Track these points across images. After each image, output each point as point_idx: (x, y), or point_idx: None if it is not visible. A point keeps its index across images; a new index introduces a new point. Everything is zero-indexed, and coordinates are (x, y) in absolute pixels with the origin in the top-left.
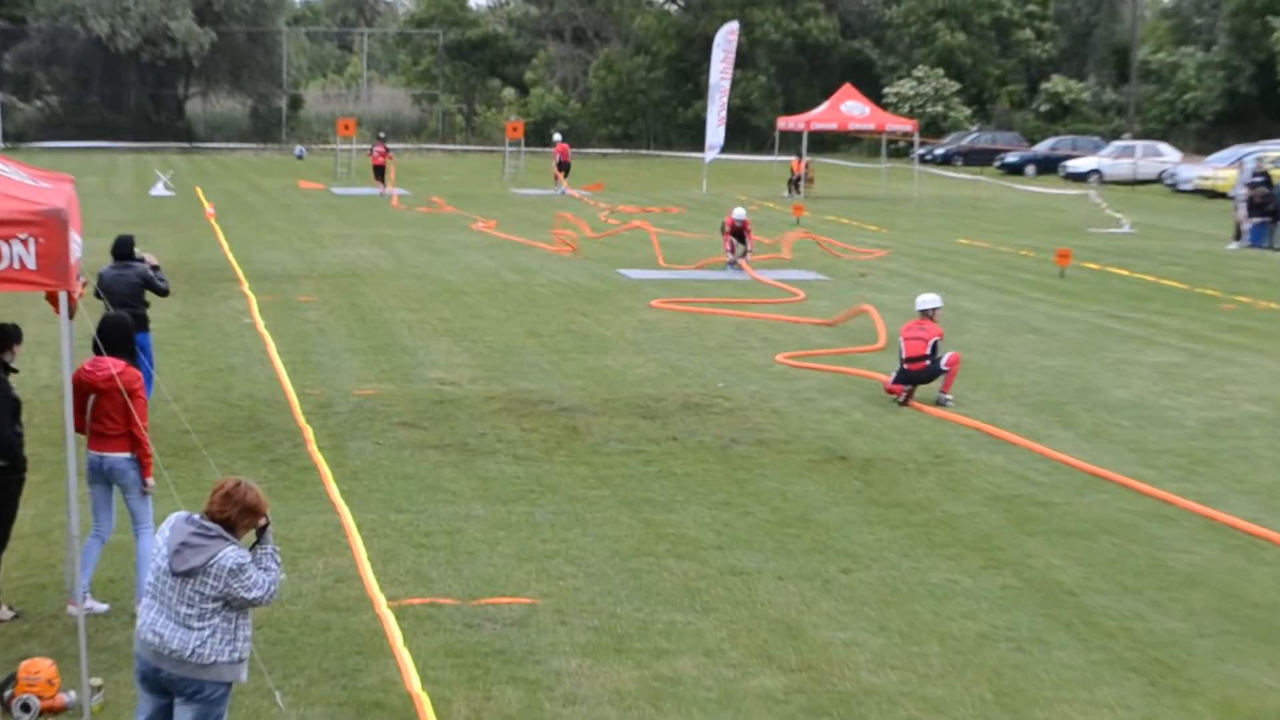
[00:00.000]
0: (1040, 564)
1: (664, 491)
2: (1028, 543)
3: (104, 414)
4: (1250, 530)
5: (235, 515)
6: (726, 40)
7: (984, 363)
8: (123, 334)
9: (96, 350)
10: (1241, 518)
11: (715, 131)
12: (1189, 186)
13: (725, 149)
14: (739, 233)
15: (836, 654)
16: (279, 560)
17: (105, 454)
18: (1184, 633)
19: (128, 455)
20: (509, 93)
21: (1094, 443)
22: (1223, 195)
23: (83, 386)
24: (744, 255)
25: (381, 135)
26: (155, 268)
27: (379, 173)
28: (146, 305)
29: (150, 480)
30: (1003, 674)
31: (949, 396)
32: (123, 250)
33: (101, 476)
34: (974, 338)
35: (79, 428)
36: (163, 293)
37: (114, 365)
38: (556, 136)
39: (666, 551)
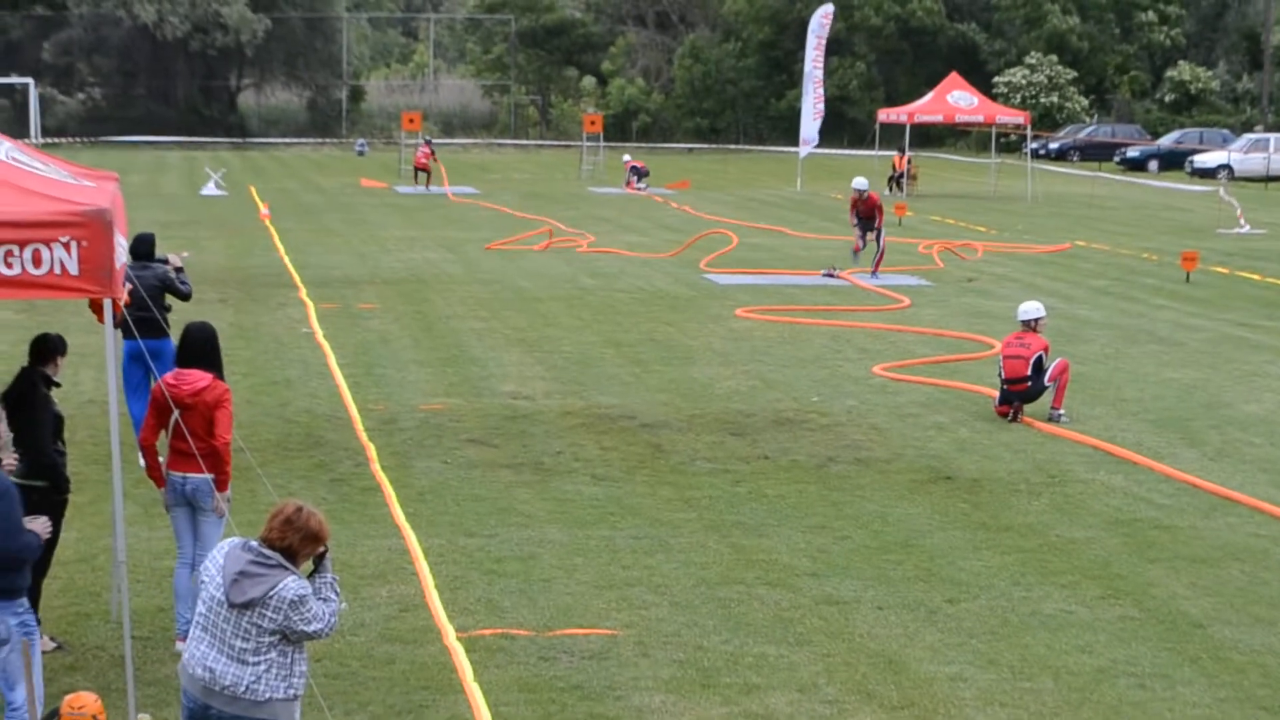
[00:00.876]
0: (1163, 593)
1: (754, 514)
2: (1150, 570)
3: (189, 432)
4: None
5: (296, 543)
6: (820, 25)
7: (1103, 375)
8: (207, 343)
9: (180, 362)
10: None
11: (810, 125)
12: None
13: (821, 143)
14: (868, 213)
15: (941, 690)
16: (339, 590)
17: (189, 475)
18: None
19: (212, 476)
20: (587, 83)
21: (1222, 462)
22: None
23: (166, 402)
24: (876, 239)
25: (428, 138)
26: (179, 269)
27: (422, 174)
28: (168, 309)
29: (227, 493)
30: (1122, 712)
31: (1062, 412)
32: (141, 250)
33: (184, 499)
34: (1092, 348)
35: (148, 443)
36: (184, 296)
37: (201, 379)
38: (626, 157)
39: (757, 579)
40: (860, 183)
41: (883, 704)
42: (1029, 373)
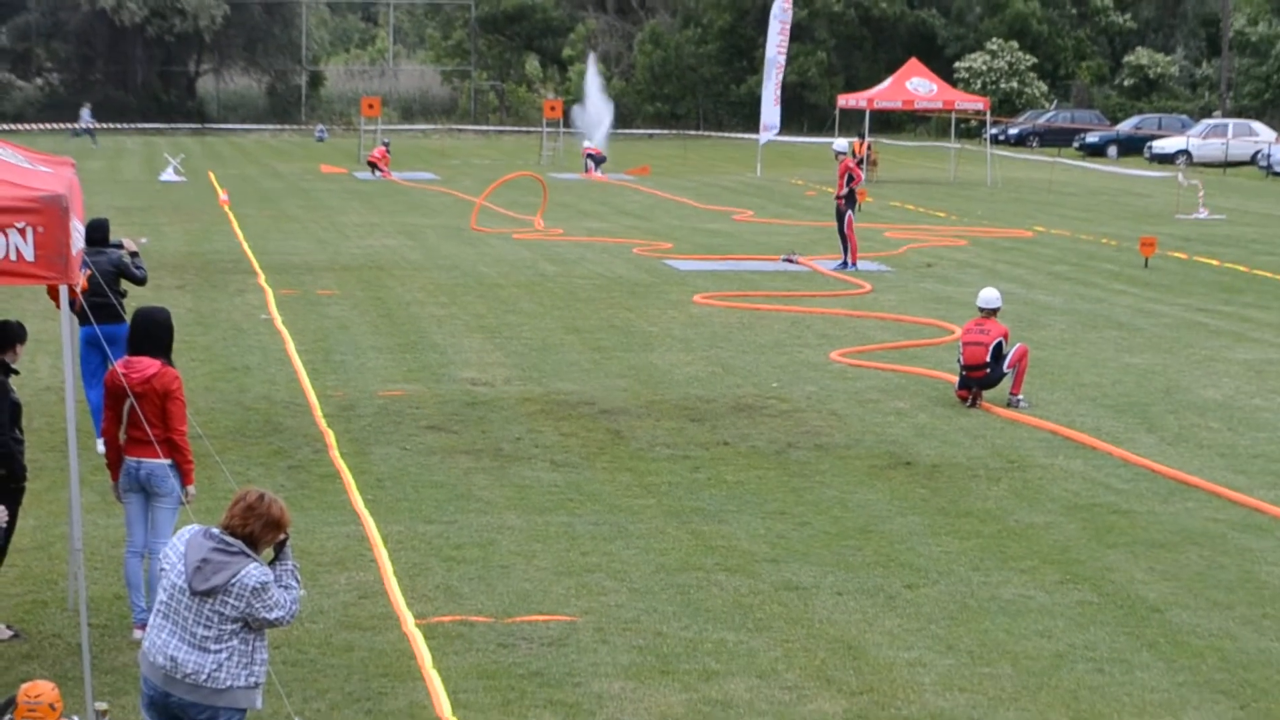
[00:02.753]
0: (1121, 578)
1: (714, 500)
2: (1108, 555)
3: (144, 418)
4: None
5: (258, 530)
6: (781, 11)
7: (1062, 361)
8: (156, 329)
9: (130, 348)
10: None
11: (771, 111)
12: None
13: (781, 129)
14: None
15: (900, 675)
16: (299, 577)
17: (143, 460)
18: (1278, 652)
19: (167, 461)
20: (532, 68)
21: (1180, 447)
22: None
23: (118, 390)
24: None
25: (386, 141)
26: (134, 254)
27: (373, 166)
28: (123, 294)
29: (191, 488)
30: (1080, 697)
31: (1021, 397)
32: (96, 235)
33: (138, 484)
34: (1051, 333)
35: (110, 435)
36: (140, 281)
37: (149, 366)
38: (585, 144)
39: (716, 565)
40: (840, 144)
41: (842, 689)
42: (988, 359)
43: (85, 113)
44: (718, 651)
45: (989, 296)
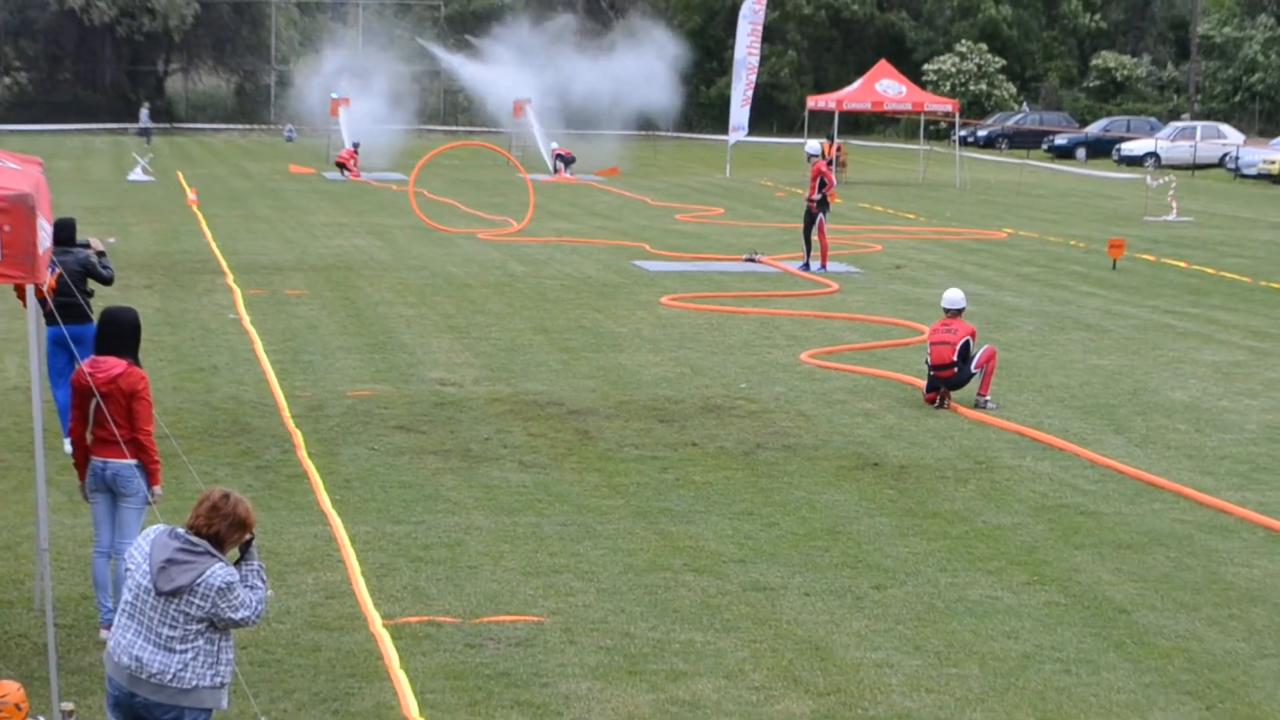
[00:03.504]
0: (1089, 579)
1: (682, 501)
2: (1075, 556)
3: (107, 418)
4: None
5: (224, 530)
6: (753, 12)
7: (1030, 362)
8: (122, 328)
9: (96, 348)
10: None
11: (740, 112)
12: (1253, 171)
13: (750, 130)
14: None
15: (867, 676)
16: (265, 577)
17: (109, 460)
18: (1244, 653)
19: (134, 462)
20: None
21: (1147, 448)
22: None
23: (84, 390)
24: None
25: (356, 142)
26: (101, 254)
27: (342, 167)
28: (90, 294)
29: (158, 488)
30: (1047, 697)
31: (989, 398)
32: (63, 235)
33: (104, 484)
34: (1019, 335)
35: (77, 435)
36: (106, 280)
37: (115, 365)
38: (553, 145)
39: (684, 565)
40: (811, 146)
41: (809, 690)
42: (955, 359)
43: (144, 112)
44: (685, 652)
45: (954, 297)
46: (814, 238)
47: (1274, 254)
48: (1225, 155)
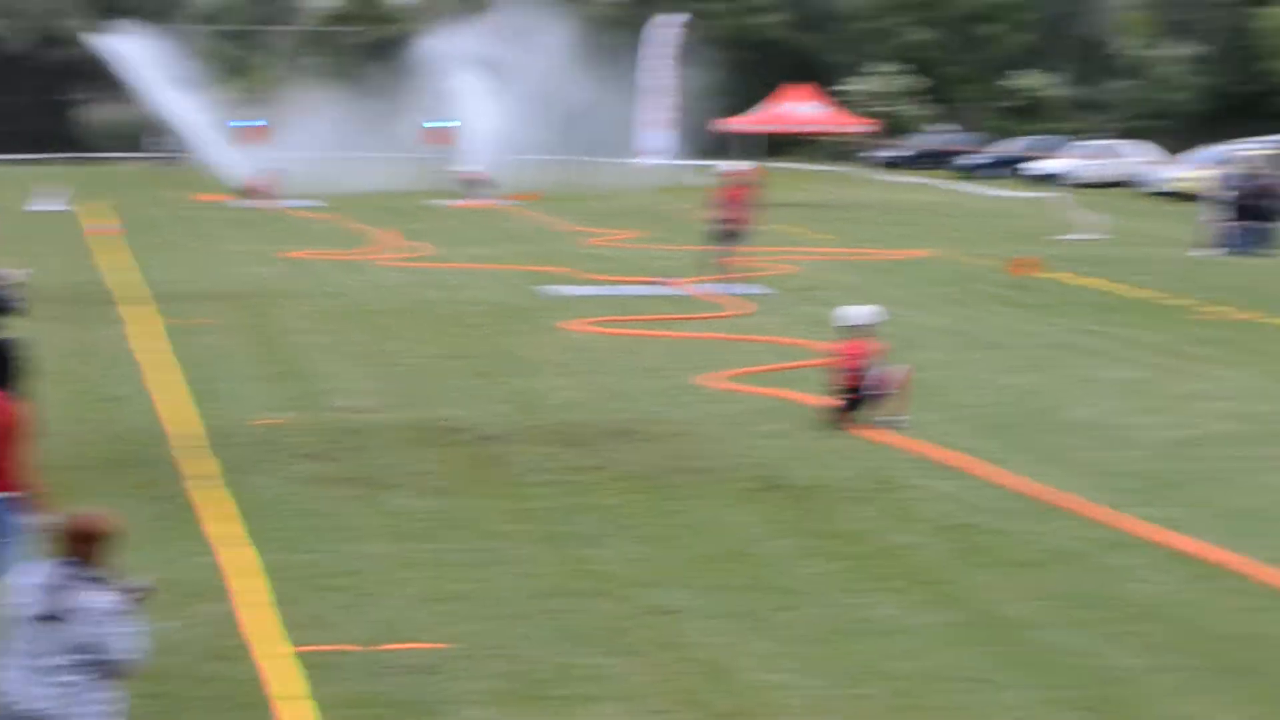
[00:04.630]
0: (990, 598)
1: (588, 525)
2: (977, 575)
3: None
4: (1214, 558)
5: (94, 551)
6: (666, 35)
7: (937, 381)
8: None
9: None
10: (1206, 544)
11: (655, 135)
12: (1162, 189)
13: (669, 154)
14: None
15: (770, 698)
16: (142, 610)
17: None
18: (1139, 668)
19: (11, 495)
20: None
21: (1052, 466)
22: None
23: None
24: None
25: (268, 169)
26: (14, 285)
27: (251, 193)
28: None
29: (40, 521)
30: (949, 715)
31: (897, 418)
32: None
33: None
34: (928, 354)
35: None
36: (16, 312)
37: None
38: (466, 169)
39: (589, 590)
40: (725, 168)
41: (711, 712)
42: (861, 378)
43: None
44: (588, 677)
45: (858, 315)
46: (726, 260)
47: (1180, 271)
48: (1134, 174)
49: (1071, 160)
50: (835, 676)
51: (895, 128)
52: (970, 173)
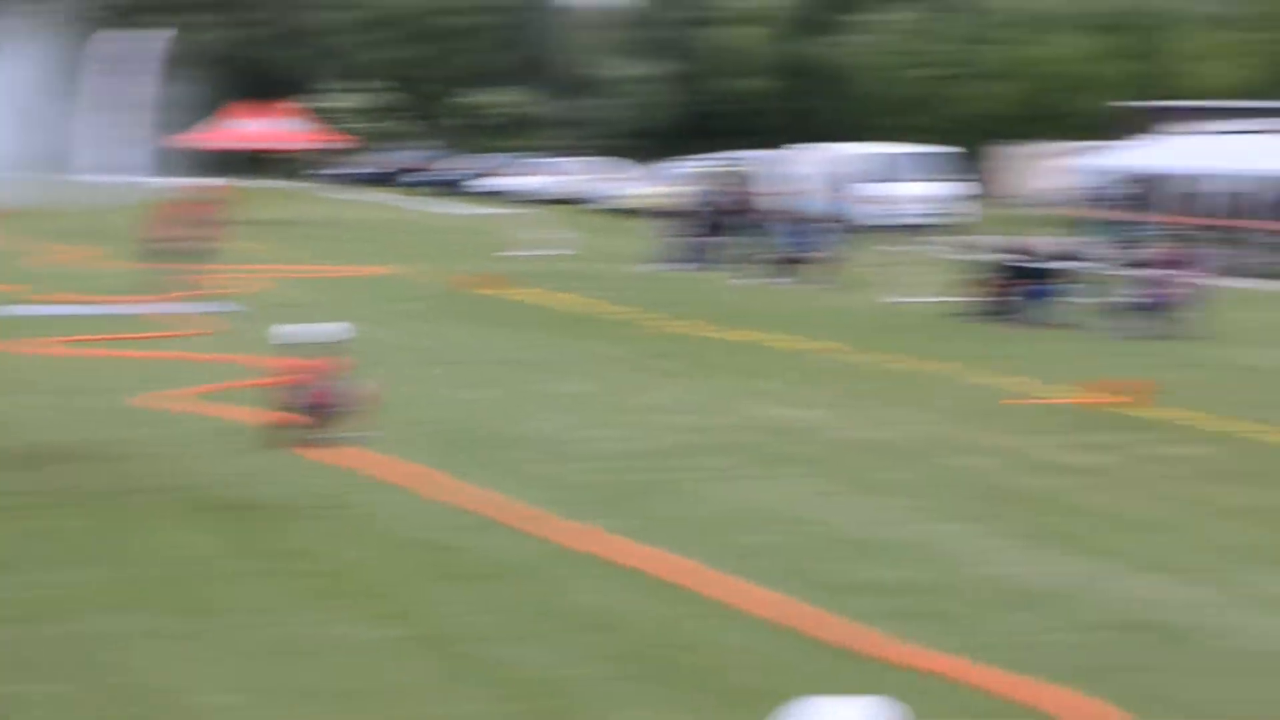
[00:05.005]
0: (442, 613)
1: (29, 551)
2: (430, 590)
3: None
4: (664, 567)
5: None
6: (148, 49)
7: (397, 398)
8: None
9: None
10: (656, 553)
11: (130, 151)
12: (619, 205)
13: (136, 172)
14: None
15: None
16: None
17: None
18: (589, 678)
19: None
20: None
21: (508, 480)
22: (657, 213)
23: None
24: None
25: None
26: None
27: None
28: None
29: None
30: None
31: (358, 435)
32: None
33: None
34: (388, 370)
35: None
36: None
37: None
38: None
39: (10, 617)
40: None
41: None
42: (320, 396)
43: None
44: (26, 704)
45: (316, 332)
46: (190, 278)
47: (629, 285)
48: (584, 190)
49: (518, 178)
50: (284, 695)
51: (371, 143)
52: (440, 187)
